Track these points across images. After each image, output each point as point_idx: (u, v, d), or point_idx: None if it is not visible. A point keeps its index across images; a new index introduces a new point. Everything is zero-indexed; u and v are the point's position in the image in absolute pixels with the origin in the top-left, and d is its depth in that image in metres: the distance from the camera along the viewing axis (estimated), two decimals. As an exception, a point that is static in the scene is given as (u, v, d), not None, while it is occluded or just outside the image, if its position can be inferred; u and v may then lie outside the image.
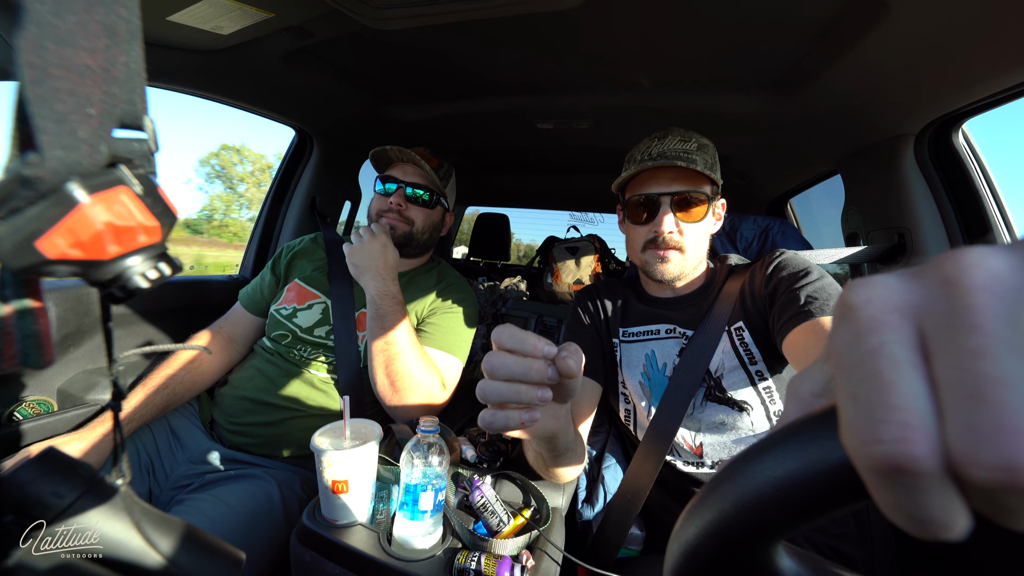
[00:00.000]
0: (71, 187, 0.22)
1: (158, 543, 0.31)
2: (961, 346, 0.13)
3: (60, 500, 0.28)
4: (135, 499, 0.32)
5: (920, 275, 0.15)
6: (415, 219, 1.09)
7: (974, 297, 0.13)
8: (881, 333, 0.15)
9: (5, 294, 0.24)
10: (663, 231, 0.79)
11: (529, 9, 0.77)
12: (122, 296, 0.26)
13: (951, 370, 0.13)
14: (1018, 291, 0.13)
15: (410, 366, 0.91)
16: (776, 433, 0.19)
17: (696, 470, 0.81)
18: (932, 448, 0.13)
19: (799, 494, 0.17)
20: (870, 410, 0.14)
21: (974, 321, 0.13)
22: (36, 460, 0.29)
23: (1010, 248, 0.14)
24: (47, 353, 0.25)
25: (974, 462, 0.12)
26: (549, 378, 0.40)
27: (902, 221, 1.00)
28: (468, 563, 0.57)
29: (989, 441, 0.12)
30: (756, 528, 0.19)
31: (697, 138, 0.81)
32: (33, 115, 0.21)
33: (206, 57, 0.99)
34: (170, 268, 0.27)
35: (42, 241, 0.22)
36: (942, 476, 0.13)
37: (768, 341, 0.76)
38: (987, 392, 0.12)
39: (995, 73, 0.74)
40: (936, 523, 0.14)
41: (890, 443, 0.13)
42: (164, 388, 0.94)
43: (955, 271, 0.14)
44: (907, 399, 0.14)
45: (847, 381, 0.15)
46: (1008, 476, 0.12)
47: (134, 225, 0.25)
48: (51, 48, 0.21)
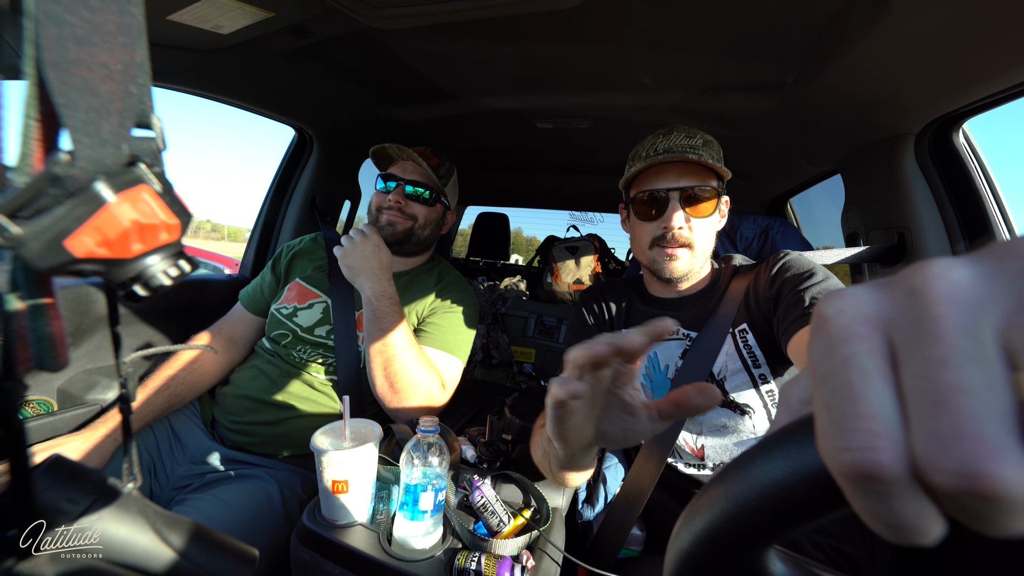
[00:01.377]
0: (98, 186, 0.22)
1: (174, 543, 0.31)
2: (925, 356, 0.14)
3: (75, 506, 0.28)
4: (146, 502, 0.32)
5: (890, 286, 0.16)
6: (417, 215, 1.09)
7: (937, 308, 0.14)
8: (852, 344, 0.15)
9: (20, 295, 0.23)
10: (673, 226, 0.79)
11: (529, 9, 0.77)
12: (144, 295, 0.26)
13: (916, 379, 0.14)
14: (979, 302, 0.13)
15: (409, 367, 0.90)
16: (764, 441, 0.20)
17: (698, 472, 0.81)
18: (898, 455, 0.14)
19: (784, 501, 0.18)
20: (841, 419, 0.15)
21: (937, 331, 0.13)
22: (46, 469, 0.29)
23: (973, 259, 0.14)
24: (61, 355, 0.25)
25: (936, 468, 0.13)
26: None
27: (902, 221, 1.00)
28: (468, 563, 0.57)
29: (950, 448, 0.13)
30: (746, 534, 0.20)
31: (702, 134, 0.81)
32: (63, 114, 0.21)
33: (206, 57, 0.99)
34: (189, 265, 0.28)
35: (71, 240, 0.22)
36: (910, 482, 0.14)
37: (772, 343, 0.76)
38: (948, 400, 0.13)
39: (995, 73, 0.74)
40: (909, 528, 0.14)
41: (858, 451, 0.14)
42: (165, 389, 0.94)
43: (920, 282, 0.14)
44: (874, 408, 0.14)
45: (821, 390, 0.16)
46: (968, 482, 0.12)
47: (157, 223, 0.25)
48: (71, 47, 0.21)
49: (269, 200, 1.58)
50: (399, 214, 1.07)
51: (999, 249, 0.14)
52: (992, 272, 0.14)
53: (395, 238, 1.07)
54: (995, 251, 0.14)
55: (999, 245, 0.14)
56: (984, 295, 0.13)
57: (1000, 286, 0.13)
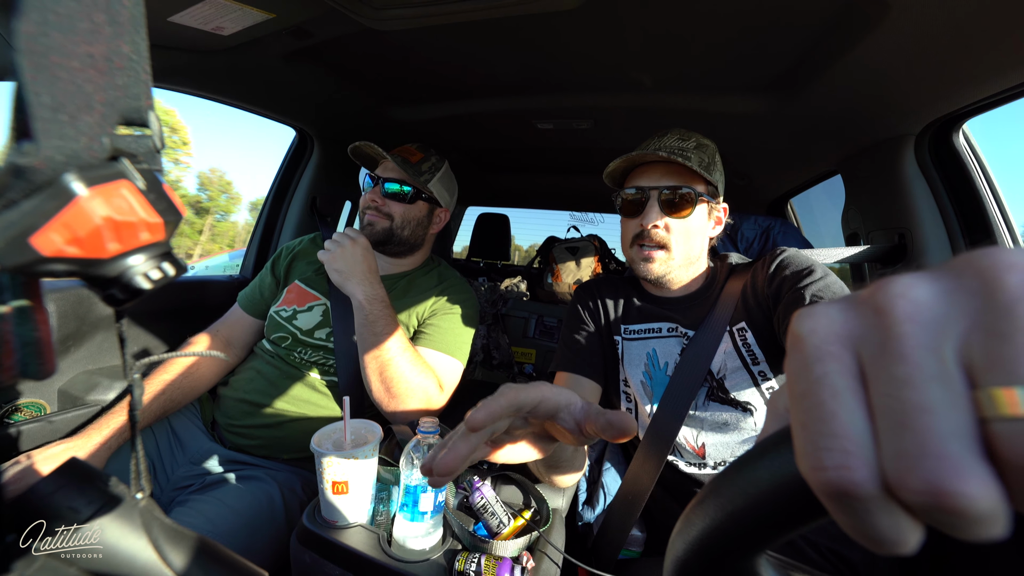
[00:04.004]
0: (68, 179, 0.21)
1: (175, 562, 0.30)
2: (889, 374, 0.14)
3: (76, 515, 0.28)
4: (155, 514, 0.31)
5: (857, 304, 0.16)
6: (394, 214, 1.06)
7: (899, 327, 0.14)
8: (824, 363, 0.16)
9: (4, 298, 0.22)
10: (647, 225, 0.79)
11: (529, 9, 0.77)
12: (123, 298, 0.24)
13: (883, 398, 0.14)
14: (940, 320, 0.14)
15: (405, 371, 0.90)
16: (752, 450, 0.20)
17: (699, 471, 0.81)
18: (870, 473, 0.14)
19: (770, 510, 0.19)
20: (815, 437, 0.15)
21: (899, 350, 0.14)
22: (56, 472, 0.29)
23: (934, 275, 0.15)
24: (48, 362, 0.23)
25: (904, 486, 0.13)
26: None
27: (902, 221, 1.00)
28: (468, 564, 0.57)
29: (914, 466, 0.13)
30: (737, 542, 0.20)
31: (698, 138, 0.81)
32: (29, 102, 0.19)
33: (207, 58, 0.99)
34: (174, 268, 0.26)
35: (37, 237, 0.20)
36: (883, 498, 0.14)
37: (771, 341, 0.76)
38: (911, 419, 0.13)
39: (995, 73, 0.74)
40: (887, 540, 0.14)
41: (832, 470, 0.14)
42: (162, 394, 0.94)
43: (884, 301, 0.15)
44: (846, 427, 0.15)
45: (796, 409, 0.16)
46: (933, 499, 0.13)
47: (135, 221, 0.23)
48: (52, 34, 0.20)
49: (270, 200, 1.58)
50: (377, 214, 1.05)
51: (957, 265, 0.14)
52: (950, 289, 0.14)
53: (375, 238, 1.05)
54: (953, 267, 0.14)
55: (958, 260, 0.14)
56: (943, 313, 0.14)
57: (958, 304, 0.14)
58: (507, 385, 0.38)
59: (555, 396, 0.38)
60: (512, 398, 0.36)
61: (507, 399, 0.36)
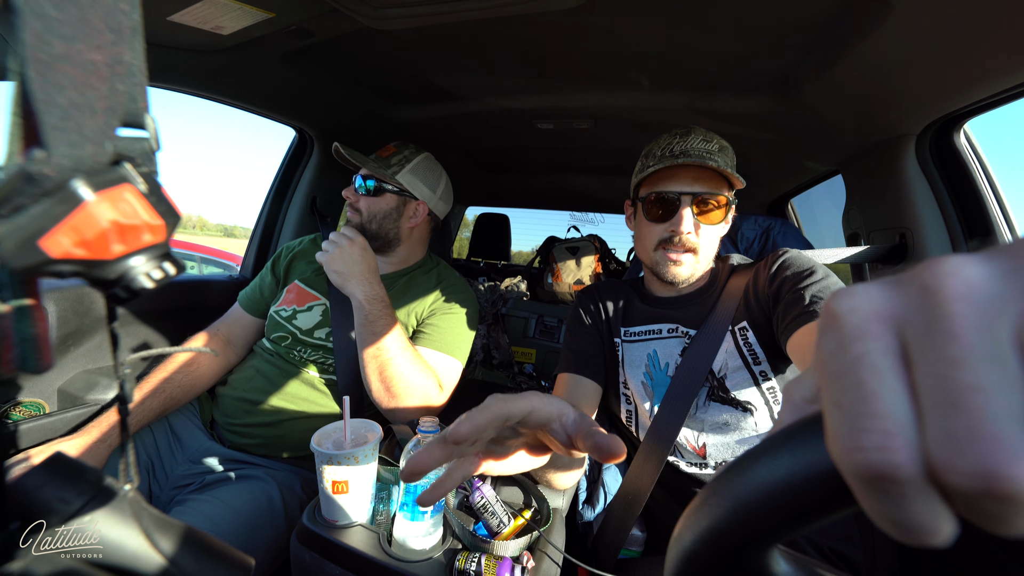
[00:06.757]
0: (76, 184, 0.22)
1: (166, 549, 0.30)
2: (939, 354, 0.13)
3: (67, 506, 0.28)
4: (143, 504, 0.31)
5: (901, 284, 0.15)
6: (361, 209, 1.08)
7: (951, 306, 0.13)
8: (864, 342, 0.15)
9: (3, 295, 0.23)
10: (681, 231, 0.78)
11: (529, 9, 0.77)
12: (125, 297, 0.26)
13: (930, 378, 0.13)
14: (994, 300, 0.13)
15: (404, 370, 0.90)
16: (768, 440, 0.19)
17: (699, 471, 0.81)
18: (913, 455, 0.13)
19: (790, 501, 0.18)
20: (853, 418, 0.14)
21: (951, 330, 0.13)
22: (43, 465, 0.29)
23: (987, 256, 0.14)
24: (45, 357, 0.24)
25: (952, 469, 0.13)
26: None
27: (903, 221, 0.99)
28: (468, 564, 0.57)
29: (966, 448, 0.12)
30: (750, 534, 0.19)
31: (718, 139, 0.80)
32: (40, 110, 0.20)
33: (206, 57, 0.99)
34: (174, 268, 0.27)
35: (46, 240, 0.21)
36: (924, 483, 0.13)
37: (772, 341, 0.76)
38: (964, 400, 0.13)
39: (997, 73, 0.74)
40: (921, 529, 0.14)
41: (872, 451, 0.14)
42: (161, 392, 0.94)
43: (933, 280, 0.14)
44: (888, 407, 0.14)
45: (831, 389, 0.15)
46: (984, 483, 0.12)
47: (139, 224, 0.24)
48: (56, 43, 0.20)
49: (270, 200, 1.58)
50: (352, 210, 1.08)
51: (1012, 248, 0.14)
52: (1006, 270, 0.13)
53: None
54: (1008, 249, 0.14)
55: (1012, 244, 0.14)
56: (998, 293, 0.13)
57: (1015, 284, 0.13)
58: (494, 396, 0.37)
59: (546, 406, 0.38)
60: (497, 410, 0.36)
61: (492, 411, 0.35)
